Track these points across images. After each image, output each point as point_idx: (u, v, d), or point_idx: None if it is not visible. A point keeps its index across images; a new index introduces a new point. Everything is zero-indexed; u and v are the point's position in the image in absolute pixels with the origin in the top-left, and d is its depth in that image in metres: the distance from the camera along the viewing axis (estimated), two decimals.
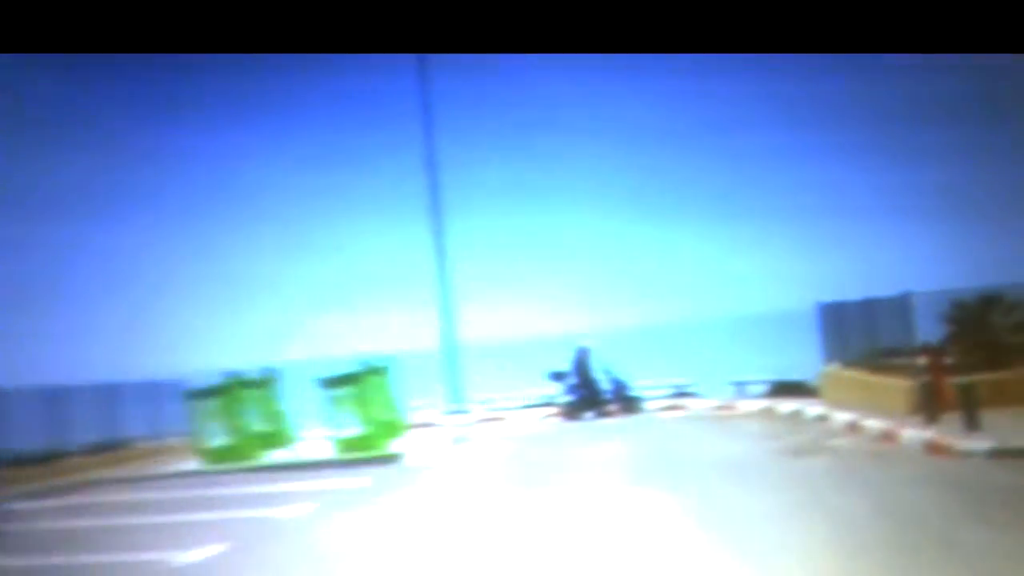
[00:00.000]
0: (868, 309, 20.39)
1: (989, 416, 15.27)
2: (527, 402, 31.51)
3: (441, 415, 30.22)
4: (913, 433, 15.71)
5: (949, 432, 15.02)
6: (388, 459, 19.92)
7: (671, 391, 29.88)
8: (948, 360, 17.89)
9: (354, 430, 20.89)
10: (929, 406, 16.25)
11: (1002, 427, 14.89)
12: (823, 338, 23.58)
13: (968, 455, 13.69)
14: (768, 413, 23.18)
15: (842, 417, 19.16)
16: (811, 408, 21.61)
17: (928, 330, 19.24)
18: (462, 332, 33.70)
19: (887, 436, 16.41)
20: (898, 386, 18.54)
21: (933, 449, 14.56)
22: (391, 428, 22.34)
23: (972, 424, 14.94)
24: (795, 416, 21.69)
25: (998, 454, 13.38)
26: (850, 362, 21.99)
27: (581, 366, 26.73)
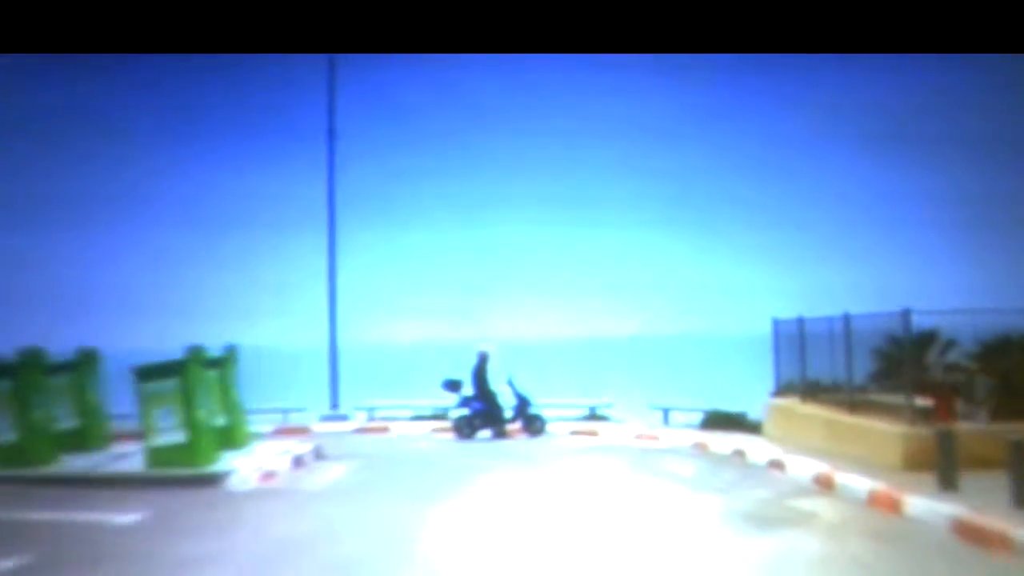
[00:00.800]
0: (845, 330, 15.36)
1: (990, 479, 10.33)
2: (419, 412, 26.16)
3: (316, 422, 25.04)
4: (928, 504, 10.66)
5: (986, 507, 9.99)
6: (207, 479, 14.34)
7: (584, 412, 24.72)
8: (959, 402, 12.94)
9: (176, 436, 15.20)
10: (949, 465, 11.21)
11: None
12: (778, 363, 18.53)
13: None
14: (701, 450, 18.06)
15: (804, 466, 14.13)
16: (756, 448, 16.58)
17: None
18: (345, 332, 29.04)
19: (882, 501, 11.37)
20: (887, 432, 13.57)
21: (971, 534, 9.49)
22: (227, 437, 16.69)
23: None
24: (737, 458, 16.60)
25: None
26: (811, 395, 16.99)
27: (480, 375, 21.31)
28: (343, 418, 25.86)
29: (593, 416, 24.34)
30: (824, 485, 13.00)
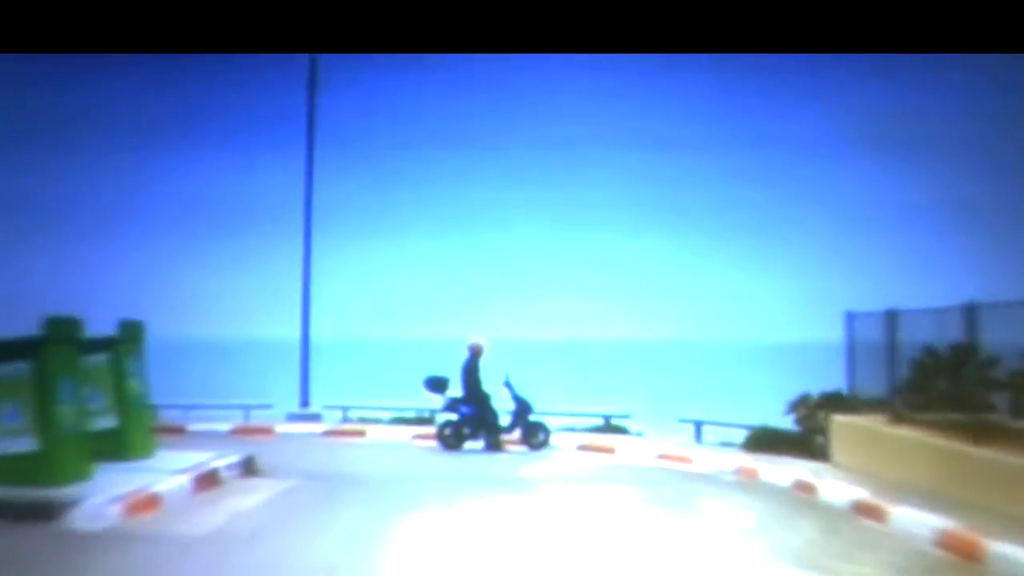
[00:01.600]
0: (968, 328, 10.62)
1: None
2: (400, 414, 21.61)
3: (281, 421, 20.62)
4: None
5: None
6: (42, 508, 9.56)
7: (596, 423, 20.04)
8: None
9: (25, 443, 10.48)
10: None
11: None
12: (851, 370, 13.71)
13: None
14: (748, 478, 13.31)
15: (913, 516, 9.39)
16: (826, 482, 11.85)
17: None
18: (331, 326, 25.14)
19: None
20: None
21: None
22: (116, 443, 11.98)
23: None
24: (803, 494, 11.84)
25: None
26: (904, 413, 12.20)
27: (470, 373, 16.64)
28: (314, 418, 21.39)
29: (608, 427, 19.65)
30: (961, 554, 8.22)
